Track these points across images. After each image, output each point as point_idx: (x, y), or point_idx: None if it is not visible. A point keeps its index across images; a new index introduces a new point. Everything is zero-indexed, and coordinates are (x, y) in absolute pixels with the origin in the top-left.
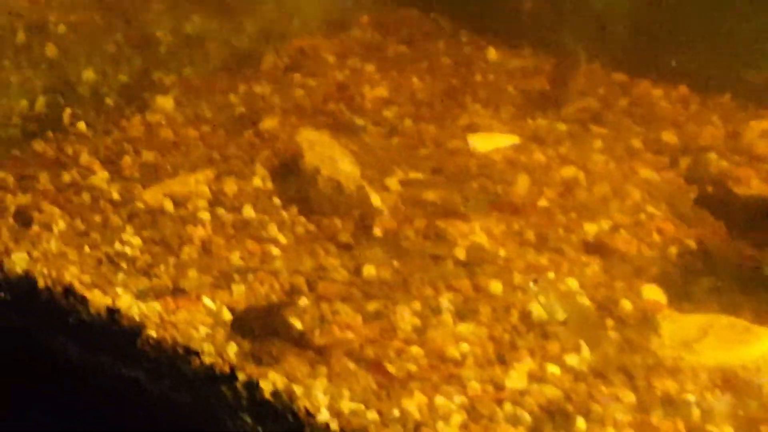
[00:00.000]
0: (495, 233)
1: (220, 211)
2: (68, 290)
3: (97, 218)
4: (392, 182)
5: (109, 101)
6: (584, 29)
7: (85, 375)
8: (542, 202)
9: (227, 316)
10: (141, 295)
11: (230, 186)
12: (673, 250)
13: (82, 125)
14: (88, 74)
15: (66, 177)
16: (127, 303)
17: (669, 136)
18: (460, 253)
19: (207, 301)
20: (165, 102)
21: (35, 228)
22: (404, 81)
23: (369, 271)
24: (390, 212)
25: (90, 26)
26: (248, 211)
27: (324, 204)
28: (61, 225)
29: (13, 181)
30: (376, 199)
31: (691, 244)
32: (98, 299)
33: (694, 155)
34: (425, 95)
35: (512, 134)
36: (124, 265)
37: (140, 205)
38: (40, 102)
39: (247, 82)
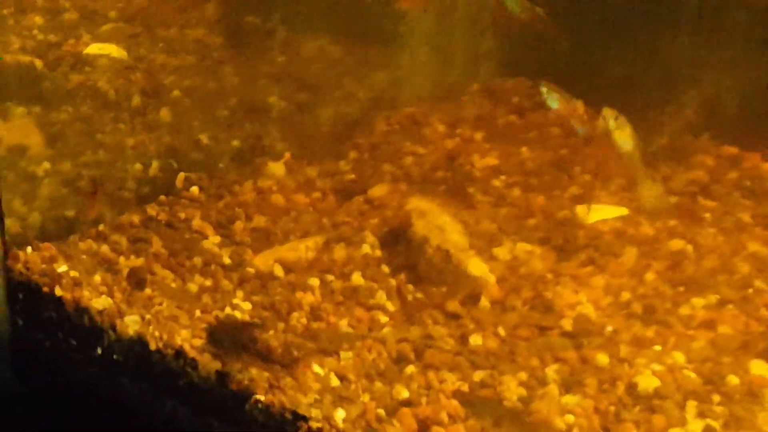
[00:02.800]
0: (602, 305)
1: (329, 277)
2: (179, 353)
3: (209, 282)
4: (501, 252)
5: (222, 166)
6: (693, 102)
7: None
8: (650, 275)
9: (335, 382)
10: None
11: (339, 253)
12: None
13: (195, 190)
14: (202, 139)
15: (178, 241)
16: (237, 368)
17: None
18: (567, 324)
19: (316, 367)
20: (276, 168)
21: (147, 290)
22: (513, 150)
23: (476, 340)
24: (498, 282)
25: (203, 91)
26: (357, 278)
27: (432, 273)
28: (173, 288)
29: (126, 244)
30: (483, 269)
31: None
32: (208, 363)
33: None
34: (534, 165)
35: (620, 206)
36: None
37: (251, 270)
38: (154, 166)
39: (357, 148)
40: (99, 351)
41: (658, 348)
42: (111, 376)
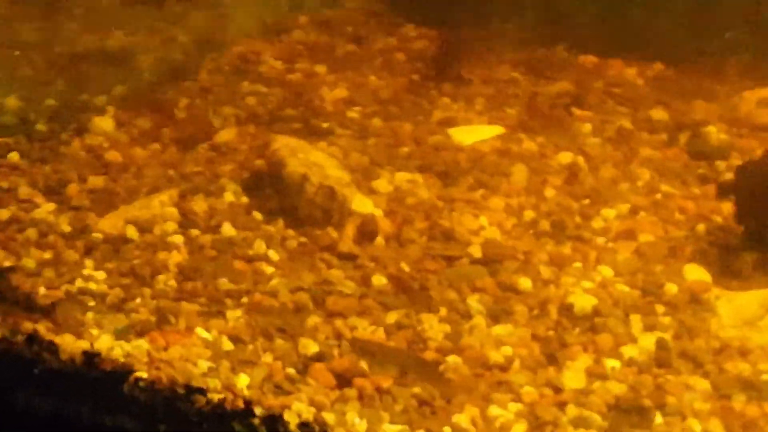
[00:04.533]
0: (507, 227)
1: (194, 232)
2: (31, 338)
3: (48, 255)
4: (381, 184)
5: (40, 127)
6: (545, 14)
7: (61, 429)
8: (549, 191)
9: (228, 345)
10: (121, 334)
11: (199, 204)
12: (701, 227)
13: (14, 156)
14: (9, 101)
15: (4, 213)
16: (108, 344)
17: (658, 114)
18: (476, 251)
19: (201, 332)
20: (104, 123)
21: None
22: (362, 80)
23: (379, 280)
24: (387, 216)
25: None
26: (228, 230)
27: (315, 213)
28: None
29: None
30: (368, 204)
31: (718, 219)
32: (70, 344)
33: (692, 130)
34: (388, 93)
35: (495, 125)
36: (91, 302)
37: (98, 235)
38: None
39: (189, 94)
40: None
41: (578, 265)
42: None
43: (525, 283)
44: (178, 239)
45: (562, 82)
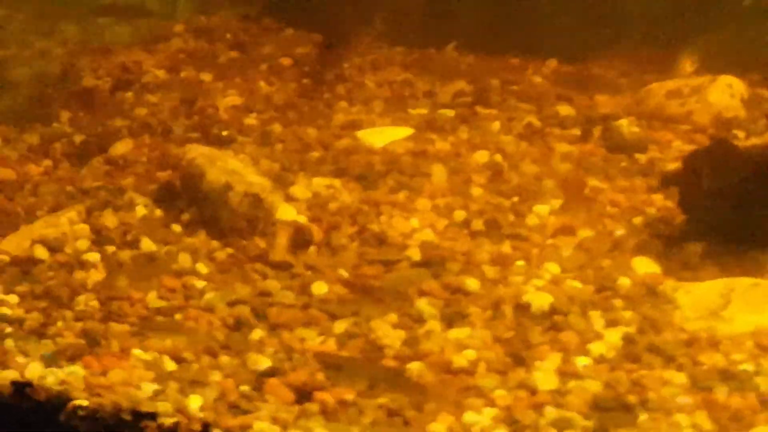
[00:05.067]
0: (439, 228)
1: (110, 249)
2: None
3: None
4: (298, 190)
5: None
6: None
7: None
8: (475, 190)
9: (170, 365)
10: (50, 361)
11: (110, 220)
12: (638, 219)
13: None
14: None
15: None
16: (38, 372)
17: (565, 110)
18: (414, 254)
19: (138, 353)
20: None
21: None
22: (251, 87)
23: (320, 288)
24: (313, 222)
25: None
26: (147, 244)
27: (239, 223)
28: None
29: None
30: (291, 211)
31: (652, 211)
32: None
33: (602, 124)
34: (281, 98)
35: (402, 126)
36: (8, 329)
37: (2, 257)
38: None
39: (68, 107)
40: None
41: (521, 263)
42: None
43: (473, 284)
44: (94, 257)
45: (458, 82)
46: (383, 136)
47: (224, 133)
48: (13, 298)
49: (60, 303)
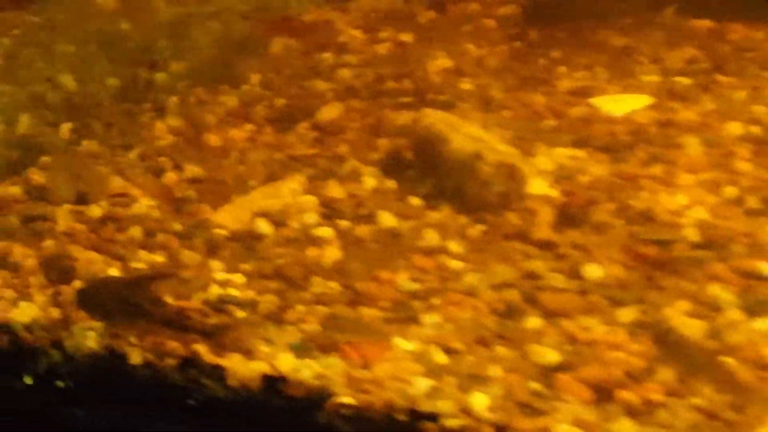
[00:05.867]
0: (711, 205)
1: (344, 224)
2: (189, 362)
3: (160, 257)
4: (541, 162)
5: (111, 108)
6: None
7: None
8: (740, 164)
9: (441, 357)
10: (301, 351)
11: (337, 191)
12: None
13: (90, 144)
14: (65, 81)
15: (96, 210)
16: (290, 364)
17: None
18: (692, 234)
19: (401, 342)
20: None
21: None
22: (459, 49)
23: (593, 271)
24: (567, 197)
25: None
26: (386, 218)
27: (489, 196)
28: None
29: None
30: (542, 184)
31: None
32: (240, 366)
33: None
34: (494, 62)
35: (636, 93)
36: (239, 313)
37: (220, 231)
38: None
39: (259, 69)
40: None
41: None
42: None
43: (767, 268)
44: (327, 232)
45: (686, 48)
46: (622, 104)
47: (441, 97)
48: (239, 278)
49: (294, 284)
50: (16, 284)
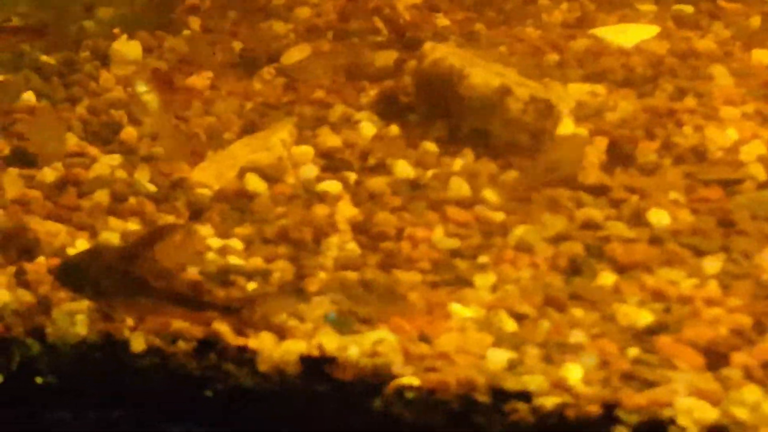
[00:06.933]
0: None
1: (351, 176)
2: (207, 345)
3: (134, 224)
4: (560, 99)
5: (47, 59)
6: None
7: None
8: None
9: (509, 324)
10: (339, 325)
11: (332, 140)
12: None
13: (29, 96)
14: None
15: (48, 174)
16: (333, 341)
17: None
18: (758, 173)
19: (458, 308)
20: (126, 48)
21: None
22: None
23: (659, 217)
24: (597, 135)
25: None
26: (402, 168)
27: (519, 138)
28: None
29: None
30: (569, 124)
31: None
32: (270, 347)
33: None
34: None
35: (636, 22)
36: (250, 284)
37: (203, 191)
38: None
39: (196, 12)
40: None
41: None
42: None
43: None
44: (334, 187)
45: None
46: (629, 35)
47: (420, 35)
48: (236, 243)
49: (306, 248)
50: None
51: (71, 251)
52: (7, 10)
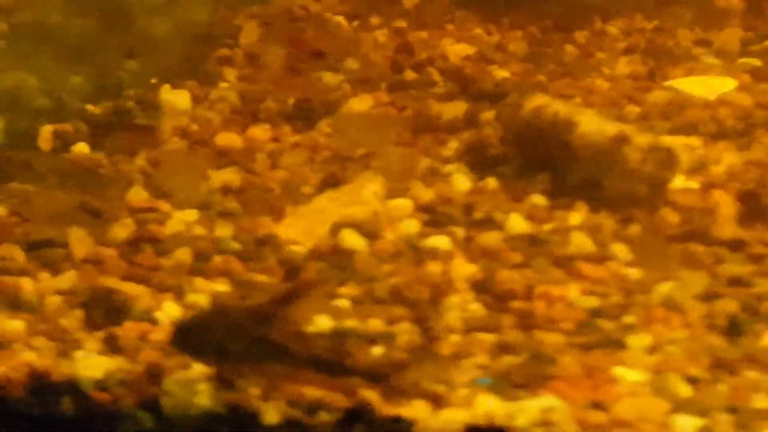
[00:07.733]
0: None
1: (459, 231)
2: (355, 415)
3: (222, 285)
4: None
5: (93, 109)
6: None
7: None
8: None
9: (683, 389)
10: (495, 391)
11: (424, 194)
12: None
13: (82, 147)
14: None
15: (119, 231)
16: (497, 409)
17: None
18: None
19: (622, 371)
20: (177, 98)
21: None
22: (471, 34)
23: None
24: (707, 188)
25: None
26: (516, 223)
27: (636, 189)
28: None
29: None
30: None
31: None
32: (426, 415)
33: None
34: (518, 47)
35: (723, 76)
36: (375, 349)
37: (296, 249)
38: None
39: (232, 63)
40: None
41: None
42: None
43: None
44: (442, 243)
45: (731, 28)
46: (709, 87)
47: (487, 87)
48: (343, 303)
49: (425, 308)
50: (47, 330)
51: (160, 315)
52: None
